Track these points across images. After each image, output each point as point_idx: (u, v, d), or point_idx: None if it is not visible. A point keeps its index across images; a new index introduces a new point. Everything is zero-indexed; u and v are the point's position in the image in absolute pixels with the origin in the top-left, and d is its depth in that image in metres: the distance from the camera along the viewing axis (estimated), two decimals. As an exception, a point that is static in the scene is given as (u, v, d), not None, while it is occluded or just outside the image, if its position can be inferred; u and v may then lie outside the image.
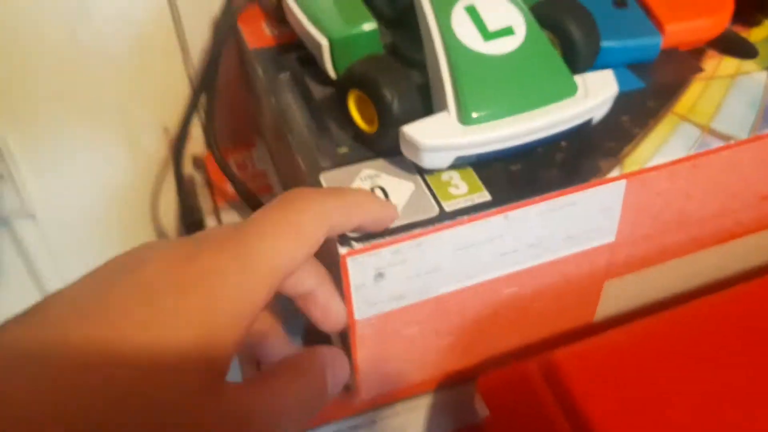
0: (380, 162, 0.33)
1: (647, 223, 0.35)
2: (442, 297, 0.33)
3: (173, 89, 0.52)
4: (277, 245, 0.24)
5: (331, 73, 0.35)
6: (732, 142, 0.33)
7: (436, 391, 0.39)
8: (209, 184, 0.50)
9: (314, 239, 0.26)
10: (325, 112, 0.35)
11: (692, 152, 0.33)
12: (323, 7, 0.36)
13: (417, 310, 0.32)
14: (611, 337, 0.34)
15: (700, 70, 0.38)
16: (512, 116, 0.30)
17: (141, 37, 0.49)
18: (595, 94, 0.32)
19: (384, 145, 0.32)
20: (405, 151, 0.31)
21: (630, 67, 0.38)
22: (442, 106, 0.31)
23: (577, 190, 0.32)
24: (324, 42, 0.34)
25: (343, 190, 0.30)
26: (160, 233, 0.57)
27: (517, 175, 0.32)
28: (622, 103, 0.35)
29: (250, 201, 0.42)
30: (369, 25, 0.34)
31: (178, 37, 0.51)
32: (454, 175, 0.32)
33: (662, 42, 0.38)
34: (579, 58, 0.34)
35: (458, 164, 0.32)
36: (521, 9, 0.32)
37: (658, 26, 0.38)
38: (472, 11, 0.32)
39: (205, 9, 0.49)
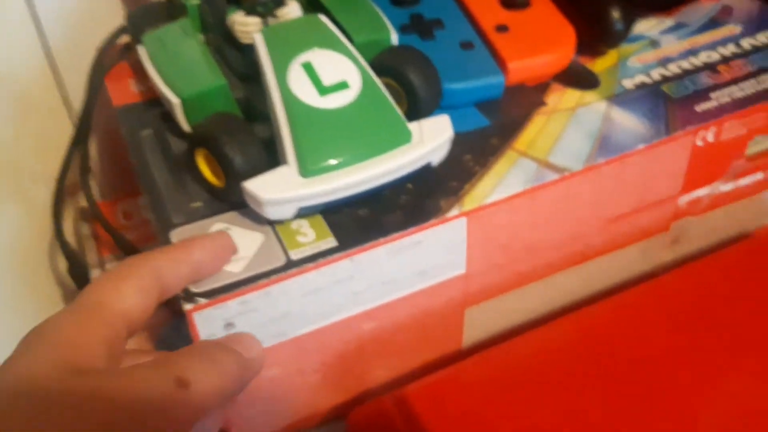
0: (232, 215, 0.34)
1: (496, 253, 0.37)
2: (299, 338, 0.34)
3: (59, 142, 0.53)
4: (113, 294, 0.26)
5: (186, 128, 0.37)
6: (566, 173, 0.36)
7: (314, 429, 0.40)
8: (95, 236, 0.51)
9: (147, 295, 0.27)
10: (183, 167, 0.36)
11: (528, 187, 0.35)
12: (174, 65, 0.37)
13: (275, 353, 0.34)
14: (465, 365, 0.35)
15: (543, 104, 0.40)
16: (349, 167, 0.32)
17: (23, 92, 0.50)
18: (431, 139, 0.34)
19: (233, 198, 0.33)
20: (251, 204, 0.32)
21: (478, 105, 0.40)
22: (284, 160, 0.32)
23: (419, 231, 0.33)
24: (175, 100, 0.35)
25: (174, 243, 0.31)
26: (53, 287, 0.57)
27: (364, 220, 0.34)
28: (465, 142, 0.37)
29: (129, 251, 0.43)
30: (218, 82, 0.36)
31: (60, 90, 0.51)
32: (303, 224, 0.33)
33: (506, 80, 0.40)
34: (421, 104, 0.36)
35: (305, 214, 0.33)
36: (356, 63, 0.34)
37: (502, 65, 0.40)
38: (308, 67, 0.33)
39: (83, 62, 0.50)
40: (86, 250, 0.50)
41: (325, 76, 0.33)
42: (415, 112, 0.37)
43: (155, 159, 0.37)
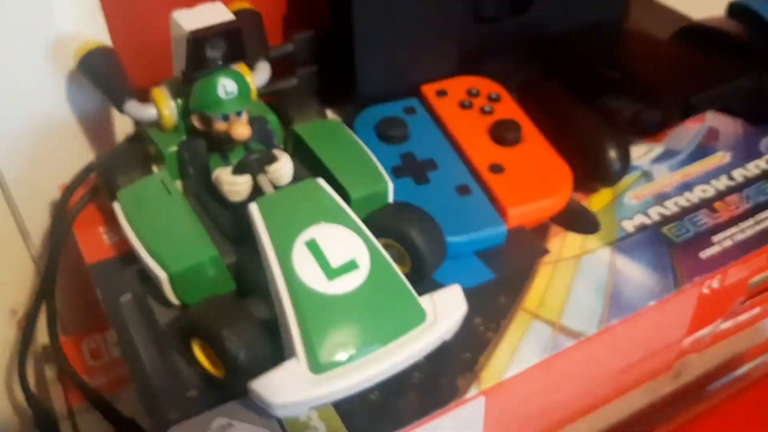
0: (233, 406, 0.31)
1: (512, 424, 0.35)
2: None
3: (20, 275, 0.49)
4: None
5: (174, 301, 0.34)
6: (582, 338, 0.34)
7: None
8: (62, 379, 0.46)
9: None
10: (172, 344, 0.33)
11: (545, 355, 0.33)
12: (157, 231, 0.34)
13: None
14: None
15: (546, 251, 0.39)
16: (364, 357, 0.30)
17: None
18: (445, 316, 0.32)
19: (235, 390, 0.31)
20: (259, 403, 0.29)
21: (479, 252, 0.38)
22: (291, 353, 0.30)
23: (437, 417, 0.31)
24: (162, 275, 0.32)
25: None
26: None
27: (376, 406, 0.31)
28: (473, 300, 0.35)
29: (99, 404, 0.39)
30: (208, 253, 0.33)
31: (16, 222, 0.47)
32: (313, 415, 0.31)
33: (507, 225, 0.38)
34: (426, 265, 0.34)
35: (316, 407, 0.30)
36: (363, 237, 0.32)
37: (501, 210, 0.38)
38: (313, 246, 0.31)
39: (40, 194, 0.46)
40: (53, 397, 0.46)
41: (332, 256, 0.31)
42: (419, 273, 0.35)
43: (140, 334, 0.34)
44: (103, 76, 0.39)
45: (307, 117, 0.42)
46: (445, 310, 0.32)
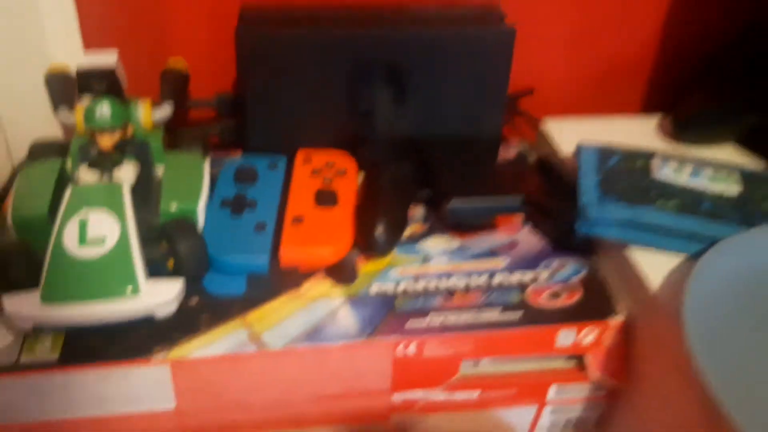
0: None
1: (206, 400, 0.46)
2: (22, 426, 0.44)
3: None
4: None
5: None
6: (264, 350, 0.44)
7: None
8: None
9: None
10: None
11: (226, 353, 0.44)
12: (24, 192, 0.49)
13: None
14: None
15: (297, 287, 0.49)
16: (78, 303, 0.42)
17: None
18: (155, 297, 0.44)
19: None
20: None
21: (251, 276, 0.49)
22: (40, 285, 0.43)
23: (127, 364, 0.43)
24: (8, 219, 0.48)
25: None
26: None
27: (95, 345, 0.44)
28: (212, 304, 0.47)
29: None
30: (40, 211, 0.47)
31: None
32: (48, 337, 0.44)
33: (281, 262, 0.49)
34: (183, 267, 0.46)
35: (45, 329, 0.44)
36: (123, 227, 0.45)
37: (277, 248, 0.49)
38: (83, 223, 0.44)
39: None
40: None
41: (91, 231, 0.44)
42: (178, 272, 0.47)
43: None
44: (54, 89, 0.56)
45: (190, 149, 0.56)
46: (159, 293, 0.44)
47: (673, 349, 0.42)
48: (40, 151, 0.55)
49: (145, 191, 0.50)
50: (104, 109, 0.50)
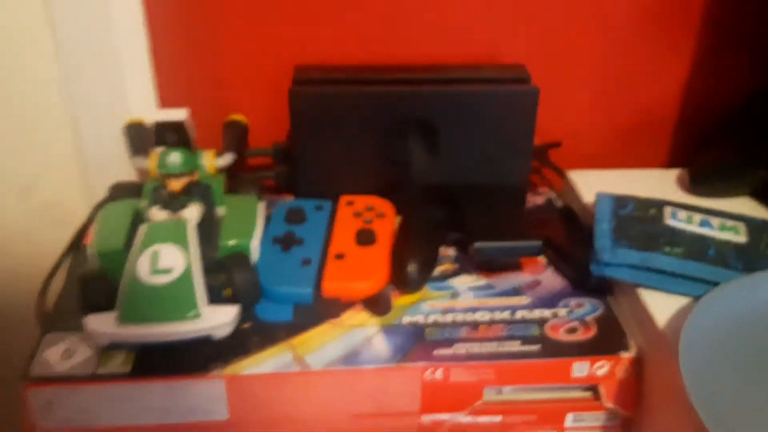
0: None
1: (256, 413, 0.51)
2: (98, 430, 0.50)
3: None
4: None
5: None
6: (307, 370, 0.50)
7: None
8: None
9: None
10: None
11: (274, 372, 0.50)
12: (104, 228, 0.57)
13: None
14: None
15: (337, 317, 0.55)
16: (147, 324, 0.49)
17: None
18: (214, 320, 0.50)
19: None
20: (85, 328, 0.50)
21: (297, 305, 0.55)
22: (116, 307, 0.50)
23: (185, 379, 0.49)
24: (92, 250, 0.55)
25: None
26: None
27: (162, 360, 0.50)
28: (262, 329, 0.53)
29: None
30: (117, 245, 0.54)
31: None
32: (122, 352, 0.51)
33: (323, 293, 0.55)
34: (240, 296, 0.53)
35: (120, 345, 0.50)
36: (188, 260, 0.51)
37: (321, 281, 0.56)
38: (155, 254, 0.51)
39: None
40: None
41: (162, 262, 0.51)
42: (236, 299, 0.53)
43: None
44: (130, 137, 0.64)
45: (247, 192, 0.63)
46: (218, 317, 0.50)
47: (676, 382, 0.46)
48: (119, 191, 0.63)
49: (207, 229, 0.57)
50: (175, 157, 0.57)
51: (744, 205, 0.64)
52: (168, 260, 0.51)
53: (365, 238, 0.59)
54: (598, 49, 0.71)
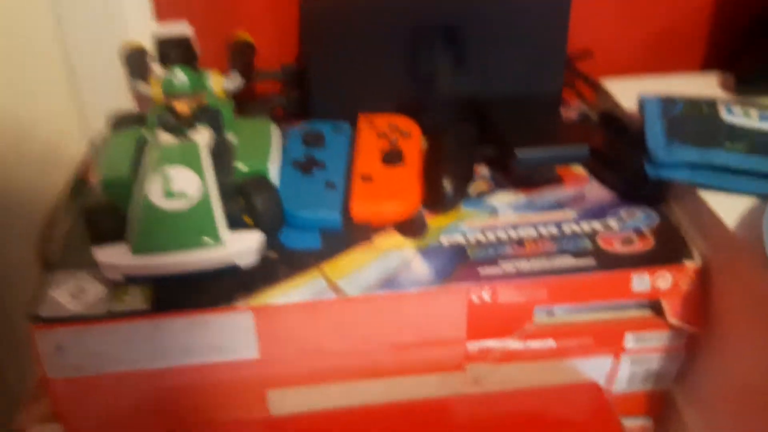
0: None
1: (288, 348, 0.47)
2: (112, 375, 0.46)
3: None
4: None
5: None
6: (342, 296, 0.45)
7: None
8: None
9: None
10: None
11: (309, 299, 0.45)
12: (110, 157, 0.52)
13: (96, 380, 0.45)
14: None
15: (369, 240, 0.50)
16: (165, 253, 0.44)
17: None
18: (237, 247, 0.45)
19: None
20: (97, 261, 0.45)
21: (324, 231, 0.51)
22: (127, 237, 0.45)
23: (209, 312, 0.45)
24: (97, 178, 0.50)
25: None
26: None
27: (180, 295, 0.45)
28: (290, 256, 0.48)
29: None
30: (122, 172, 0.49)
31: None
32: (136, 288, 0.46)
33: (353, 218, 0.50)
34: (261, 223, 0.48)
35: (134, 280, 0.45)
36: (204, 183, 0.46)
37: (349, 205, 0.51)
38: (166, 177, 0.46)
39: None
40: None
41: (175, 185, 0.46)
42: (257, 227, 0.48)
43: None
44: (129, 64, 0.58)
45: (257, 116, 0.58)
46: (241, 243, 0.45)
47: (758, 290, 0.42)
48: (119, 121, 0.57)
49: (219, 154, 0.51)
50: (182, 75, 0.52)
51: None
52: (181, 184, 0.46)
53: (392, 157, 0.54)
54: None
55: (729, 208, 0.47)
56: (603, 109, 0.59)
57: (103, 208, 0.47)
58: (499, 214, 0.52)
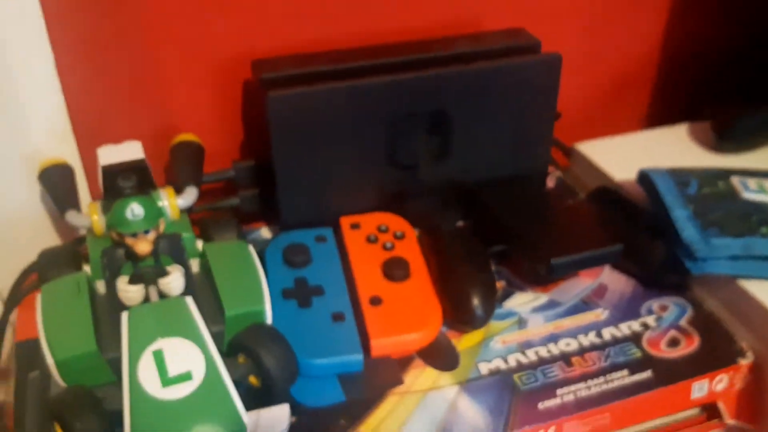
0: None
1: None
2: None
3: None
4: None
5: (62, 384, 0.39)
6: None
7: None
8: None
9: None
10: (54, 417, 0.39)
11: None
12: (58, 326, 0.40)
13: None
14: None
15: (401, 383, 0.42)
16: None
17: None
18: (265, 428, 0.36)
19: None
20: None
21: (341, 376, 0.43)
22: (122, 444, 0.35)
23: None
24: (50, 361, 0.38)
25: None
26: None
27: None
28: (317, 418, 0.40)
29: None
30: (88, 348, 0.38)
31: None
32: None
33: (371, 353, 0.43)
34: (273, 385, 0.39)
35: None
36: (205, 352, 0.37)
37: (366, 340, 0.43)
38: (158, 356, 0.36)
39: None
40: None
41: (172, 365, 0.36)
42: (267, 388, 0.39)
43: (33, 403, 0.40)
44: (54, 187, 0.47)
45: (224, 237, 0.48)
46: (268, 426, 0.36)
47: None
48: (47, 261, 0.45)
49: (195, 297, 0.42)
50: (138, 209, 0.41)
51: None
52: (180, 361, 0.37)
53: (396, 270, 0.47)
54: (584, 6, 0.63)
55: (775, 297, 0.45)
56: (599, 187, 0.55)
57: (78, 402, 0.36)
58: (528, 324, 0.47)
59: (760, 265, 0.45)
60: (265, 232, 0.55)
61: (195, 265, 0.45)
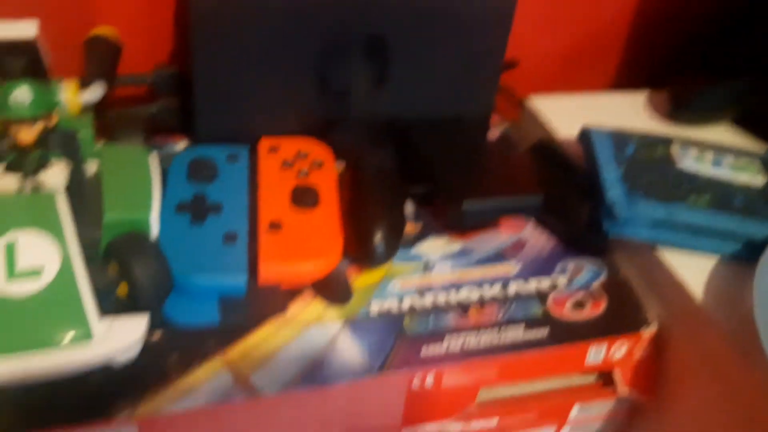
0: None
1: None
2: None
3: None
4: None
5: None
6: (258, 396, 0.36)
7: None
8: None
9: None
10: None
11: (211, 403, 0.35)
12: None
13: None
14: None
15: (283, 311, 0.40)
16: (9, 355, 0.32)
17: None
18: (115, 340, 0.34)
19: None
20: None
21: (223, 299, 0.40)
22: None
23: (83, 429, 0.33)
24: None
25: None
26: None
27: (29, 406, 0.34)
28: (183, 338, 0.37)
29: None
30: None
31: None
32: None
33: (259, 280, 0.40)
34: (139, 297, 0.37)
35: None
36: (64, 251, 0.35)
37: (255, 264, 0.41)
38: (9, 249, 0.34)
39: None
40: None
41: (22, 260, 0.34)
42: (134, 300, 0.37)
43: None
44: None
45: (128, 140, 0.45)
46: (120, 334, 0.34)
47: (717, 357, 0.38)
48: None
49: (78, 198, 0.39)
50: (23, 93, 0.38)
51: (725, 133, 0.56)
52: (33, 256, 0.34)
53: (305, 197, 0.45)
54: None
55: (691, 269, 0.42)
56: (541, 140, 0.52)
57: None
58: (433, 268, 0.44)
59: (680, 234, 0.43)
60: (180, 147, 0.52)
61: (94, 166, 0.43)
